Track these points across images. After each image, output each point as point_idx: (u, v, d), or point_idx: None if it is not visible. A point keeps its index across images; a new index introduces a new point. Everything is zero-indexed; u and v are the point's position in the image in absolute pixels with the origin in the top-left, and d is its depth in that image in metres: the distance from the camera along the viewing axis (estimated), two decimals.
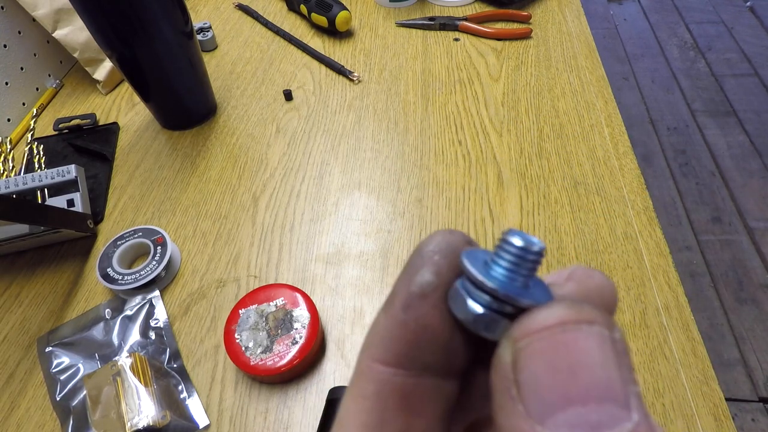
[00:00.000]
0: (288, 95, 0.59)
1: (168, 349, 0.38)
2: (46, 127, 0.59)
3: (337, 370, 0.37)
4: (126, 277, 0.40)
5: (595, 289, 0.11)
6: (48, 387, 0.37)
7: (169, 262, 0.42)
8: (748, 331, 1.21)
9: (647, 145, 1.67)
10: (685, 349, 0.36)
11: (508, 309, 0.10)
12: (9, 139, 0.56)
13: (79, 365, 0.37)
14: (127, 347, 0.38)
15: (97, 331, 0.39)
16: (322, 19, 0.65)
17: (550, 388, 0.08)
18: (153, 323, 0.39)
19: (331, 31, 0.67)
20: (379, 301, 0.40)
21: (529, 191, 0.47)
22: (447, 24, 0.67)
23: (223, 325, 0.38)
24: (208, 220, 0.47)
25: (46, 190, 0.47)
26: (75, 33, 0.59)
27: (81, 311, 0.41)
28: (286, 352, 0.34)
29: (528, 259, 0.10)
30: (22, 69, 0.59)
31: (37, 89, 0.62)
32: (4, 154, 0.54)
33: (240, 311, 0.37)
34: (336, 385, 0.36)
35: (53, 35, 0.58)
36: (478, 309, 0.10)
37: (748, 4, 2.24)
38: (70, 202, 0.45)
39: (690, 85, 1.87)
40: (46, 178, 0.46)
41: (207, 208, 0.48)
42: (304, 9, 0.68)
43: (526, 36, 0.64)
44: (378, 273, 0.42)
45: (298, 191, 0.49)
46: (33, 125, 0.57)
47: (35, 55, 0.61)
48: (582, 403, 0.08)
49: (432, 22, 0.67)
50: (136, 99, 0.61)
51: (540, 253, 0.10)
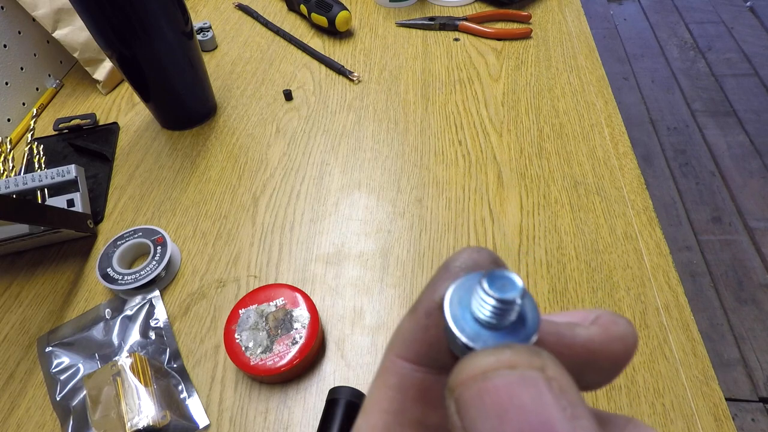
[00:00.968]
0: (288, 95, 0.59)
1: (168, 349, 0.38)
2: (46, 127, 0.59)
3: (337, 370, 0.37)
4: (126, 277, 0.40)
5: (618, 337, 0.11)
6: (48, 387, 0.37)
7: (169, 262, 0.42)
8: (748, 331, 1.21)
9: (647, 145, 1.67)
10: (685, 349, 0.36)
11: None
12: (9, 139, 0.56)
13: (79, 365, 0.37)
14: (127, 347, 0.38)
15: (97, 331, 0.39)
16: (322, 19, 0.65)
17: None
18: (153, 323, 0.39)
19: (331, 31, 0.67)
20: (379, 302, 0.40)
21: (529, 191, 0.47)
22: (447, 24, 0.67)
23: (223, 325, 0.38)
24: (208, 220, 0.47)
25: (46, 190, 0.47)
26: (75, 33, 0.59)
27: (81, 311, 0.41)
28: (286, 352, 0.34)
29: (503, 309, 0.10)
30: (22, 69, 0.59)
31: (37, 89, 0.62)
32: (4, 154, 0.54)
33: (240, 311, 0.37)
34: (336, 385, 0.36)
35: (53, 35, 0.58)
36: (460, 344, 0.10)
37: (748, 4, 2.24)
38: (70, 202, 0.45)
39: (690, 85, 1.87)
40: (46, 178, 0.46)
41: (207, 208, 0.48)
42: (304, 9, 0.68)
43: (526, 36, 0.64)
44: (378, 273, 0.42)
45: (298, 191, 0.49)
46: (33, 125, 0.57)
47: (35, 55, 0.61)
48: None
49: (432, 22, 0.67)
50: (136, 99, 0.61)
51: (514, 301, 0.10)
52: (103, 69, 0.62)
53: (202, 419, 0.35)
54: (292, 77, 0.62)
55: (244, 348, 0.35)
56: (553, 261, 0.42)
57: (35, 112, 0.59)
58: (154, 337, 0.38)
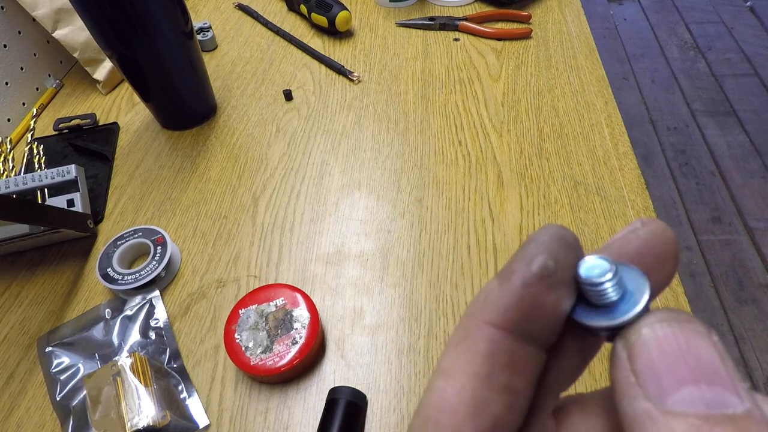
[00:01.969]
0: (288, 95, 0.59)
1: (168, 349, 0.38)
2: (46, 127, 0.59)
3: (337, 370, 0.37)
4: (126, 277, 0.40)
5: (659, 231, 0.13)
6: (48, 387, 0.37)
7: (169, 262, 0.42)
8: (748, 331, 1.21)
9: (647, 145, 1.67)
10: None
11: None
12: (9, 139, 0.56)
13: (79, 365, 0.37)
14: (127, 347, 0.38)
15: (97, 331, 0.39)
16: (322, 19, 0.65)
17: (664, 371, 0.10)
18: (153, 323, 0.39)
19: (331, 31, 0.67)
20: (379, 302, 0.40)
21: (529, 191, 0.47)
22: (447, 24, 0.67)
23: (223, 325, 0.38)
24: (208, 220, 0.47)
25: (46, 190, 0.47)
26: (75, 33, 0.59)
27: (81, 311, 0.41)
28: (286, 352, 0.34)
29: (606, 283, 0.11)
30: (22, 69, 0.59)
31: (37, 89, 0.62)
32: (4, 154, 0.54)
33: (240, 311, 0.37)
34: (336, 385, 0.36)
35: (53, 35, 0.58)
36: (600, 325, 0.12)
37: (748, 4, 2.24)
38: (70, 202, 0.45)
39: (690, 85, 1.87)
40: (46, 178, 0.46)
41: (207, 208, 0.48)
42: (304, 9, 0.68)
43: (526, 36, 0.64)
44: (378, 273, 0.42)
45: (298, 191, 0.49)
46: (33, 125, 0.57)
47: (35, 55, 0.61)
48: (694, 384, 0.10)
49: (432, 22, 0.67)
50: (136, 99, 0.61)
51: (611, 275, 0.11)
52: (103, 69, 0.62)
53: (202, 419, 0.35)
54: (292, 77, 0.62)
55: (244, 348, 0.35)
56: None
57: (35, 112, 0.59)
58: (154, 337, 0.38)
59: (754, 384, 1.12)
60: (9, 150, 0.55)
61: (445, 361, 0.12)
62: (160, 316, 0.39)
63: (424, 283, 0.41)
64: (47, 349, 0.38)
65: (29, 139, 0.56)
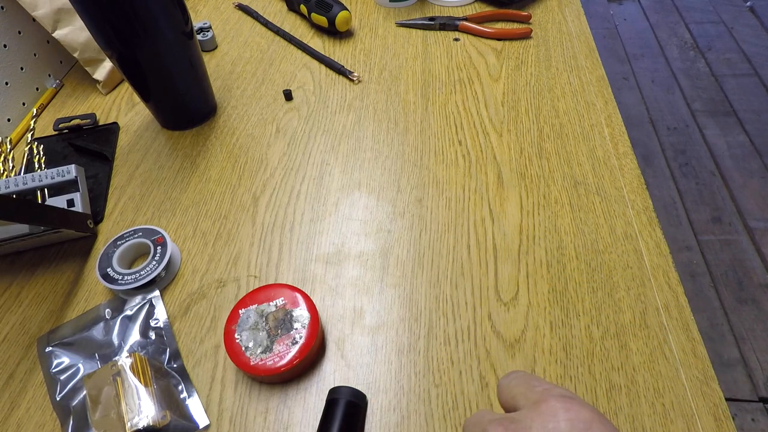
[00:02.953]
0: (288, 95, 0.59)
1: (168, 349, 0.38)
2: (46, 127, 0.59)
3: (337, 370, 0.37)
4: (126, 277, 0.40)
5: None
6: (48, 387, 0.37)
7: (169, 262, 0.42)
8: (748, 331, 1.21)
9: (647, 145, 1.67)
10: (685, 349, 0.36)
11: None
12: (9, 139, 0.56)
13: (79, 365, 0.37)
14: (127, 347, 0.38)
15: (97, 331, 0.39)
16: (322, 19, 0.65)
17: None
18: (153, 323, 0.39)
19: (331, 31, 0.67)
20: (379, 302, 0.40)
21: (529, 191, 0.47)
22: (447, 24, 0.67)
23: (223, 325, 0.38)
24: (208, 220, 0.47)
25: (46, 190, 0.47)
26: (75, 33, 0.59)
27: (81, 311, 0.41)
28: (286, 352, 0.34)
29: None
30: (22, 69, 0.59)
31: (37, 89, 0.62)
32: (4, 154, 0.54)
33: (240, 311, 0.37)
34: (336, 385, 0.36)
35: (53, 35, 0.58)
36: None
37: (748, 4, 2.24)
38: (70, 202, 0.45)
39: (690, 85, 1.87)
40: (46, 178, 0.46)
41: (207, 208, 0.48)
42: (304, 9, 0.68)
43: (526, 36, 0.64)
44: (378, 273, 0.42)
45: (298, 191, 0.49)
46: (33, 125, 0.57)
47: (35, 55, 0.61)
48: None
49: (432, 22, 0.67)
50: (136, 99, 0.61)
51: None
52: (103, 69, 0.62)
53: (202, 419, 0.35)
54: (292, 77, 0.62)
55: (244, 348, 0.35)
56: (553, 261, 0.42)
57: (35, 112, 0.59)
58: (154, 337, 0.38)
59: (753, 384, 1.12)
60: (9, 150, 0.55)
61: None
62: (160, 316, 0.39)
63: (424, 283, 0.41)
64: (47, 349, 0.38)
65: (29, 139, 0.56)
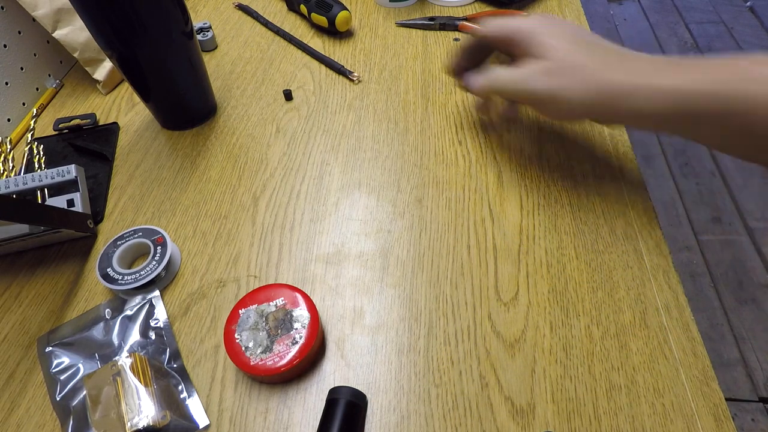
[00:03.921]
0: (288, 95, 0.59)
1: (168, 349, 0.38)
2: (46, 127, 0.59)
3: (337, 370, 0.37)
4: (126, 277, 0.40)
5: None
6: (48, 387, 0.37)
7: (169, 262, 0.42)
8: (748, 331, 1.21)
9: (647, 145, 1.67)
10: (685, 349, 0.36)
11: None
12: (9, 139, 0.56)
13: (79, 365, 0.37)
14: (127, 347, 0.38)
15: (97, 331, 0.39)
16: (322, 19, 0.65)
17: None
18: (153, 323, 0.39)
19: (331, 31, 0.67)
20: (379, 302, 0.40)
21: (529, 191, 0.47)
22: (447, 24, 0.67)
23: (223, 325, 0.38)
24: (208, 220, 0.47)
25: (46, 190, 0.47)
26: (75, 33, 0.59)
27: (81, 311, 0.41)
28: (286, 352, 0.34)
29: None
30: (22, 69, 0.59)
31: (37, 89, 0.62)
32: (4, 154, 0.54)
33: (240, 311, 0.37)
34: (336, 385, 0.36)
35: (53, 35, 0.58)
36: None
37: (748, 4, 2.24)
38: (70, 202, 0.45)
39: None
40: (46, 178, 0.46)
41: (207, 208, 0.48)
42: (304, 9, 0.68)
43: None
44: (378, 273, 0.42)
45: (298, 191, 0.49)
46: (33, 125, 0.57)
47: (35, 55, 0.61)
48: None
49: (432, 22, 0.67)
50: (136, 99, 0.61)
51: None
52: (103, 69, 0.62)
53: (202, 419, 0.35)
54: (292, 77, 0.62)
55: (244, 348, 0.35)
56: (553, 261, 0.42)
57: (35, 112, 0.59)
58: (154, 337, 0.38)
59: (753, 384, 1.12)
60: (9, 150, 0.55)
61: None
62: (160, 316, 0.39)
63: (424, 283, 0.41)
64: (47, 349, 0.38)
65: (29, 139, 0.56)
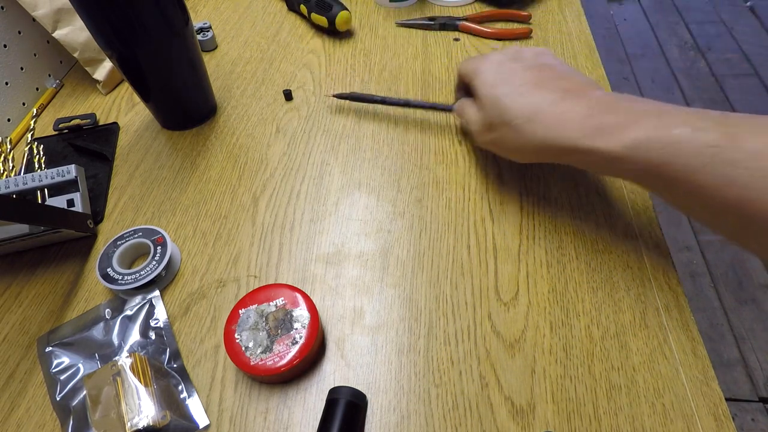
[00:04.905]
0: (288, 95, 0.59)
1: (168, 349, 0.38)
2: (46, 127, 0.59)
3: (337, 370, 0.37)
4: (126, 277, 0.40)
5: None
6: (48, 387, 0.37)
7: (169, 262, 0.42)
8: (748, 331, 1.21)
9: None
10: (685, 349, 0.36)
11: None
12: (9, 139, 0.56)
13: (79, 365, 0.37)
14: (127, 347, 0.38)
15: (97, 331, 0.39)
16: (322, 19, 0.65)
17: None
18: (153, 323, 0.39)
19: (331, 31, 0.67)
20: (379, 302, 0.40)
21: (529, 191, 0.47)
22: (447, 24, 0.67)
23: (223, 325, 0.38)
24: (208, 220, 0.47)
25: (46, 190, 0.47)
26: (75, 33, 0.59)
27: (81, 311, 0.41)
28: (286, 352, 0.34)
29: None
30: (22, 69, 0.59)
31: (37, 89, 0.62)
32: (4, 154, 0.54)
33: (240, 311, 0.37)
34: (336, 385, 0.36)
35: (53, 35, 0.58)
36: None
37: (748, 4, 2.24)
38: (70, 202, 0.45)
39: (690, 85, 1.87)
40: (46, 178, 0.46)
41: (207, 208, 0.48)
42: (304, 9, 0.68)
43: (526, 36, 0.64)
44: (378, 273, 0.42)
45: (298, 191, 0.49)
46: (33, 125, 0.57)
47: (35, 55, 0.61)
48: None
49: (432, 22, 0.67)
50: (136, 99, 0.61)
51: None
52: (103, 69, 0.62)
53: (202, 419, 0.35)
54: (292, 77, 0.62)
55: (244, 348, 0.35)
56: (553, 261, 0.42)
57: (35, 112, 0.59)
58: (154, 337, 0.38)
59: (753, 384, 1.12)
60: (9, 150, 0.55)
61: None
62: (160, 316, 0.39)
63: (424, 283, 0.41)
64: (47, 349, 0.38)
65: (29, 139, 0.56)
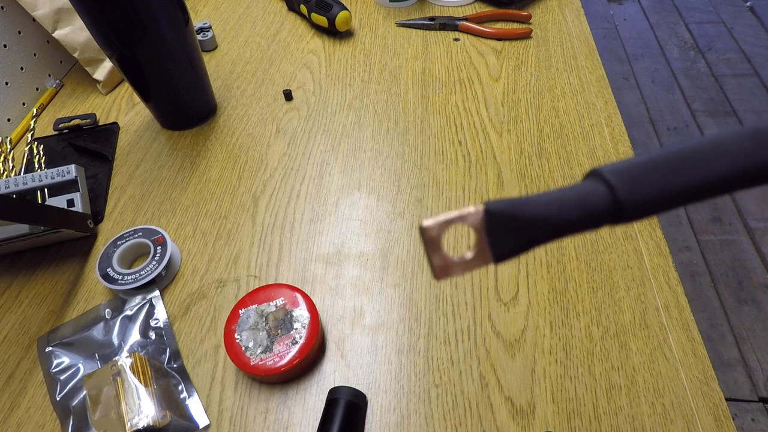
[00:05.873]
0: (288, 95, 0.59)
1: (168, 349, 0.38)
2: (46, 127, 0.59)
3: (337, 370, 0.37)
4: (126, 277, 0.40)
5: None
6: (48, 387, 0.37)
7: (169, 262, 0.42)
8: (748, 331, 1.21)
9: (647, 145, 1.67)
10: (685, 349, 0.36)
11: None
12: (9, 139, 0.56)
13: (79, 365, 0.37)
14: (127, 347, 0.38)
15: (97, 331, 0.39)
16: (322, 19, 0.65)
17: None
18: (153, 323, 0.39)
19: (331, 31, 0.67)
20: (379, 302, 0.40)
21: (529, 191, 0.47)
22: (447, 24, 0.67)
23: (223, 325, 0.38)
24: (208, 220, 0.47)
25: (46, 190, 0.47)
26: (75, 33, 0.59)
27: (81, 311, 0.41)
28: (286, 352, 0.34)
29: None
30: (22, 69, 0.59)
31: (37, 89, 0.62)
32: (4, 154, 0.54)
33: (240, 311, 0.37)
34: (336, 385, 0.36)
35: (53, 35, 0.58)
36: None
37: (748, 4, 2.24)
38: (70, 202, 0.45)
39: (690, 85, 1.87)
40: (46, 178, 0.46)
41: (207, 208, 0.48)
42: (304, 9, 0.68)
43: (526, 36, 0.64)
44: (378, 273, 0.42)
45: (298, 191, 0.49)
46: (33, 125, 0.57)
47: (35, 55, 0.61)
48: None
49: (432, 22, 0.67)
50: (136, 99, 0.61)
51: None
52: (103, 69, 0.62)
53: (202, 419, 0.35)
54: (292, 77, 0.62)
55: (244, 348, 0.35)
56: (553, 261, 0.42)
57: (35, 112, 0.59)
58: (154, 337, 0.38)
59: (753, 384, 1.12)
60: (9, 150, 0.55)
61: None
62: (160, 316, 0.39)
63: (424, 283, 0.41)
64: (47, 349, 0.38)
65: (29, 139, 0.56)
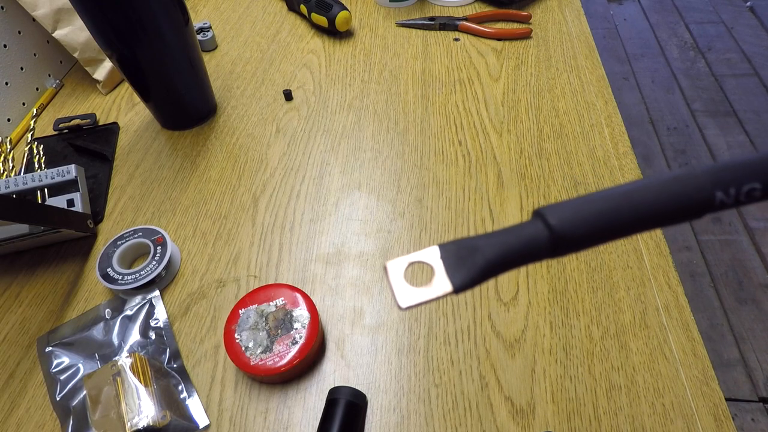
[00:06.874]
0: (288, 95, 0.59)
1: (168, 349, 0.38)
2: (46, 127, 0.59)
3: (337, 370, 0.37)
4: (126, 277, 0.40)
5: None
6: (48, 387, 0.37)
7: (169, 262, 0.42)
8: (748, 331, 1.21)
9: (647, 145, 1.67)
10: (685, 349, 0.36)
11: None
12: (9, 139, 0.56)
13: (79, 365, 0.37)
14: (127, 347, 0.38)
15: (97, 331, 0.39)
16: (322, 19, 0.65)
17: None
18: (153, 323, 0.39)
19: (331, 31, 0.67)
20: (379, 302, 0.40)
21: (529, 191, 0.47)
22: (447, 24, 0.67)
23: (223, 325, 0.38)
24: (208, 220, 0.47)
25: (46, 190, 0.47)
26: (75, 33, 0.59)
27: (81, 311, 0.41)
28: (286, 352, 0.34)
29: None
30: (22, 69, 0.59)
31: (37, 89, 0.62)
32: (4, 154, 0.54)
33: (240, 311, 0.37)
34: (336, 385, 0.36)
35: (53, 35, 0.58)
36: None
37: (748, 4, 2.24)
38: (70, 202, 0.45)
39: (690, 85, 1.87)
40: (46, 178, 0.46)
41: (207, 208, 0.48)
42: (304, 9, 0.68)
43: (526, 36, 0.64)
44: (378, 273, 0.42)
45: (298, 191, 0.49)
46: (33, 125, 0.57)
47: (35, 55, 0.61)
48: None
49: (432, 22, 0.67)
50: (136, 99, 0.61)
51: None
52: (103, 69, 0.62)
53: (202, 419, 0.35)
54: (292, 77, 0.62)
55: (244, 348, 0.35)
56: (553, 261, 0.42)
57: (35, 112, 0.59)
58: (154, 337, 0.38)
59: (753, 384, 1.12)
60: (9, 150, 0.55)
61: None
62: (160, 316, 0.39)
63: None
64: (47, 349, 0.38)
65: (29, 139, 0.56)
